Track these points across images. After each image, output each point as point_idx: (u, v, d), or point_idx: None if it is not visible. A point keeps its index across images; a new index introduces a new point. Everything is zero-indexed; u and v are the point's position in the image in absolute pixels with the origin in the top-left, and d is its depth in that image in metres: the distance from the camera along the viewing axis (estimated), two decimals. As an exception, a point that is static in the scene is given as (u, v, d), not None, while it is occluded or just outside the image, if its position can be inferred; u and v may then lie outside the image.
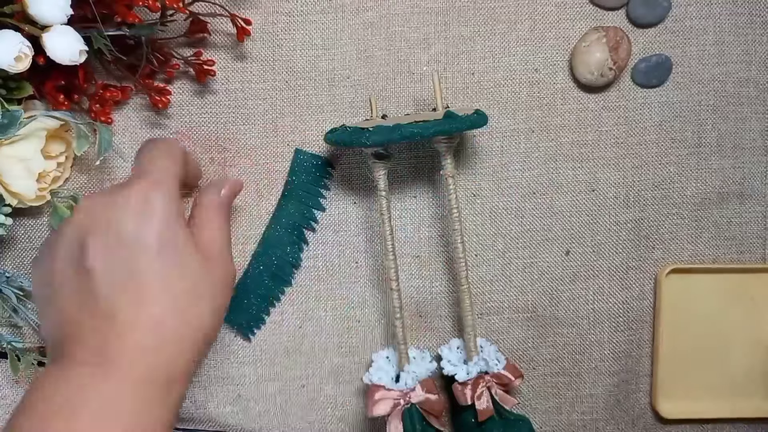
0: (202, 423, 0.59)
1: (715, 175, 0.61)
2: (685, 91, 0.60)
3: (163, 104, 0.55)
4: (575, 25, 0.58)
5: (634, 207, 0.60)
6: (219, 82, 0.57)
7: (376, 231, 0.59)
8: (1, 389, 0.58)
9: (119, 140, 0.57)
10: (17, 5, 0.47)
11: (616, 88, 0.59)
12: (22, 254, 0.57)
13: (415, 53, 0.58)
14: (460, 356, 0.57)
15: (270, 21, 0.57)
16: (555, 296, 0.60)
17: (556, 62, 0.59)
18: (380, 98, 0.58)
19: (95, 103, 0.54)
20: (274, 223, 0.58)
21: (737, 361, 0.61)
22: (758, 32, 0.60)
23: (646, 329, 0.61)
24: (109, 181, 0.57)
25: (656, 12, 0.58)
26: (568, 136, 0.59)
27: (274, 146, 0.58)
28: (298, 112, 0.58)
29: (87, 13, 0.49)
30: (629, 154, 0.60)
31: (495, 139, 0.59)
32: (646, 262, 0.61)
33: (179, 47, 0.56)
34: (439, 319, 0.60)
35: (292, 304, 0.59)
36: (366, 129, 0.51)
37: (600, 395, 0.61)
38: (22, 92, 0.51)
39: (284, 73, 0.57)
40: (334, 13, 0.57)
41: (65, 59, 0.48)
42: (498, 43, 0.58)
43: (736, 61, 0.60)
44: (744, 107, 0.60)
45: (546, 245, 0.60)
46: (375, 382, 0.54)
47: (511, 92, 0.59)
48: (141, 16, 0.50)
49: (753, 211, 0.61)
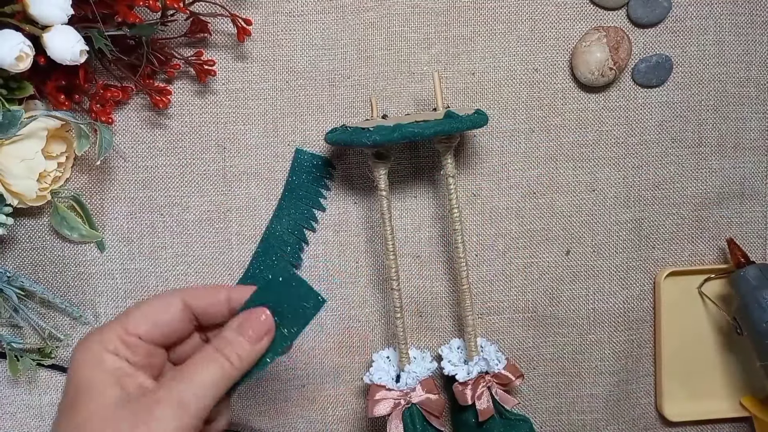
0: (203, 423, 0.59)
1: (715, 175, 0.61)
2: (685, 91, 0.60)
3: (164, 104, 0.55)
4: (575, 25, 0.58)
5: (634, 207, 0.60)
6: (219, 82, 0.57)
7: (377, 231, 0.59)
8: (1, 389, 0.58)
9: (120, 140, 0.57)
10: (18, 5, 0.47)
11: (617, 88, 0.59)
12: (22, 254, 0.57)
13: (415, 53, 0.58)
14: (460, 356, 0.57)
15: (270, 21, 0.57)
16: (555, 296, 0.60)
17: (556, 62, 0.59)
18: (380, 98, 0.58)
19: (96, 103, 0.54)
20: (274, 223, 0.58)
21: (737, 361, 0.61)
22: (758, 32, 0.60)
23: (646, 329, 0.61)
24: (109, 181, 0.57)
25: (656, 12, 0.58)
26: (568, 136, 0.59)
27: (274, 146, 0.58)
28: (298, 112, 0.58)
29: (87, 13, 0.49)
30: (629, 154, 0.60)
31: (495, 139, 0.59)
32: (646, 262, 0.61)
33: (180, 47, 0.56)
34: (440, 319, 0.60)
35: (292, 304, 0.59)
36: (366, 129, 0.51)
37: (600, 395, 0.61)
38: (23, 92, 0.51)
39: (284, 73, 0.57)
40: (334, 13, 0.57)
41: (66, 59, 0.48)
42: (498, 43, 0.58)
43: (736, 61, 0.60)
44: (744, 107, 0.60)
45: (546, 245, 0.60)
46: (375, 382, 0.54)
47: (511, 92, 0.59)
48: (141, 16, 0.50)
49: (753, 211, 0.61)
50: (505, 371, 0.55)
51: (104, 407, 0.38)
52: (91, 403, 0.39)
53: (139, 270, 0.58)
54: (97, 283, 0.58)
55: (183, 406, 0.39)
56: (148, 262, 0.58)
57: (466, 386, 0.54)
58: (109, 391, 0.39)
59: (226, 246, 0.58)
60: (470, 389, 0.54)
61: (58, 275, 0.57)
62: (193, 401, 0.39)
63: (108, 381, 0.39)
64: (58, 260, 0.57)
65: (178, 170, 0.57)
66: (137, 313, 0.42)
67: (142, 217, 0.57)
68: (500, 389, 0.55)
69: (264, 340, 0.42)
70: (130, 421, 0.38)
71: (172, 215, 0.58)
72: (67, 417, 0.39)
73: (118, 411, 0.38)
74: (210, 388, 0.40)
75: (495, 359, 0.55)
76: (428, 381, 0.55)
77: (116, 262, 0.57)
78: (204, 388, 0.40)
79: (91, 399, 0.39)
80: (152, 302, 0.42)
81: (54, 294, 0.57)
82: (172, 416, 0.38)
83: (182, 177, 0.58)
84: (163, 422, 0.38)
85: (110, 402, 0.39)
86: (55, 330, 0.57)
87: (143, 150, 0.57)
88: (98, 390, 0.39)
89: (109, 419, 0.38)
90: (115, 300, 0.58)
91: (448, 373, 0.55)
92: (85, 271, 0.57)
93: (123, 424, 0.38)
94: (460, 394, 0.54)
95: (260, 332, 0.42)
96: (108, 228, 0.57)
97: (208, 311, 0.43)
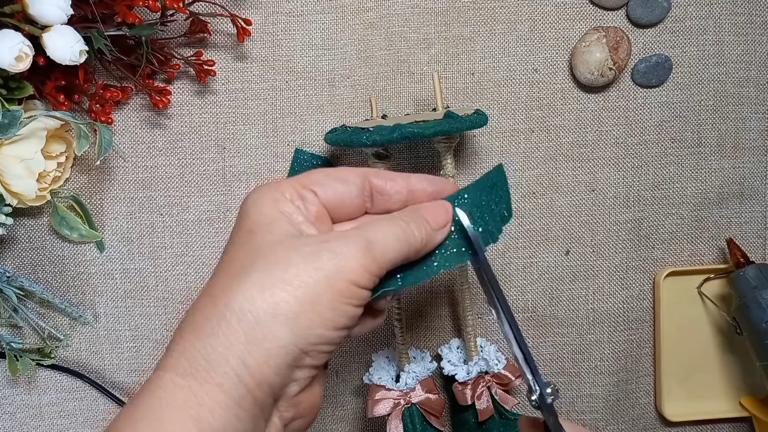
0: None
1: (715, 175, 0.61)
2: (685, 91, 0.60)
3: (163, 104, 0.55)
4: (575, 25, 0.58)
5: (634, 207, 0.60)
6: (219, 82, 0.57)
7: (376, 231, 0.59)
8: (1, 389, 0.58)
9: (119, 140, 0.57)
10: (18, 5, 0.47)
11: (616, 88, 0.59)
12: (22, 254, 0.57)
13: (415, 53, 0.58)
14: (460, 356, 0.57)
15: (270, 21, 0.57)
16: (555, 296, 0.60)
17: (556, 62, 0.59)
18: (380, 98, 0.58)
19: (95, 103, 0.54)
20: (274, 223, 0.58)
21: (737, 361, 0.61)
22: (758, 32, 0.60)
23: (645, 329, 0.61)
24: (108, 181, 0.57)
25: (656, 12, 0.58)
26: (568, 136, 0.59)
27: (274, 146, 0.58)
28: (298, 112, 0.58)
29: (87, 13, 0.49)
30: (629, 154, 0.60)
31: (495, 139, 0.59)
32: (645, 262, 0.61)
33: (179, 47, 0.56)
34: (439, 319, 0.60)
35: (292, 304, 0.59)
36: (366, 129, 0.51)
37: (600, 395, 0.61)
38: (23, 92, 0.51)
39: (284, 73, 0.57)
40: (334, 13, 0.57)
41: (65, 59, 0.48)
42: (498, 43, 0.58)
43: (736, 61, 0.60)
44: (744, 107, 0.60)
45: (546, 245, 0.60)
46: (375, 382, 0.54)
47: (511, 92, 0.59)
48: (141, 16, 0.50)
49: (753, 211, 0.61)
50: (505, 371, 0.55)
51: (285, 235, 0.37)
52: (268, 234, 0.37)
53: (139, 270, 0.58)
54: (97, 283, 0.58)
55: (370, 245, 0.36)
56: (147, 262, 0.58)
57: (465, 386, 0.54)
58: (286, 227, 0.37)
59: (226, 246, 0.58)
60: (470, 389, 0.54)
61: (58, 275, 0.57)
62: (380, 244, 0.37)
63: (283, 219, 0.37)
64: (58, 260, 0.57)
65: (177, 170, 0.57)
66: (318, 173, 0.40)
67: (141, 217, 0.57)
68: (500, 389, 0.55)
69: (442, 231, 0.40)
70: (313, 247, 0.36)
71: (171, 215, 0.58)
72: (243, 246, 0.37)
73: (300, 239, 0.37)
74: (395, 241, 0.37)
75: (495, 359, 0.55)
76: (428, 381, 0.55)
77: (116, 262, 0.57)
78: (390, 238, 0.37)
79: (269, 231, 0.37)
80: (335, 170, 0.40)
81: (53, 294, 0.57)
82: (357, 249, 0.36)
83: (182, 177, 0.58)
84: (348, 255, 0.36)
85: (291, 233, 0.37)
86: (55, 330, 0.57)
87: (143, 150, 0.57)
88: (276, 225, 0.37)
89: (290, 246, 0.36)
90: (114, 300, 0.58)
91: (448, 373, 0.55)
92: (84, 271, 0.57)
93: (305, 248, 0.36)
94: (460, 394, 0.54)
95: (439, 219, 0.40)
96: (108, 228, 0.57)
97: (387, 190, 0.40)
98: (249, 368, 0.34)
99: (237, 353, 0.34)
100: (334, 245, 0.36)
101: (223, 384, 0.34)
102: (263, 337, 0.34)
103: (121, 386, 0.58)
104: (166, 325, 0.58)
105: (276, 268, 0.35)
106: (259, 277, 0.35)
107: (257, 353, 0.34)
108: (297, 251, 0.36)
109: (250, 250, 0.36)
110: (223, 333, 0.34)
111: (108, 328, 0.58)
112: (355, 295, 0.36)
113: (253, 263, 0.36)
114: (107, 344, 0.58)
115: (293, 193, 0.38)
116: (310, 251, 0.35)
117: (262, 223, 0.37)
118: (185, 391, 0.34)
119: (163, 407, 0.34)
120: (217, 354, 0.34)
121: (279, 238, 0.36)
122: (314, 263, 0.35)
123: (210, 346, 0.34)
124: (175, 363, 0.35)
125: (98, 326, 0.58)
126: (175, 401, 0.34)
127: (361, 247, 0.36)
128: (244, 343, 0.34)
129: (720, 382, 0.62)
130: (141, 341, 0.58)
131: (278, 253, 0.36)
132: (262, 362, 0.34)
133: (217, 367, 0.34)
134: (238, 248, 0.37)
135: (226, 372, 0.34)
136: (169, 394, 0.34)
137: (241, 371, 0.34)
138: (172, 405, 0.34)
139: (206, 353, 0.34)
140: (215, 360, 0.34)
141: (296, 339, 0.34)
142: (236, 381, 0.34)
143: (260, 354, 0.34)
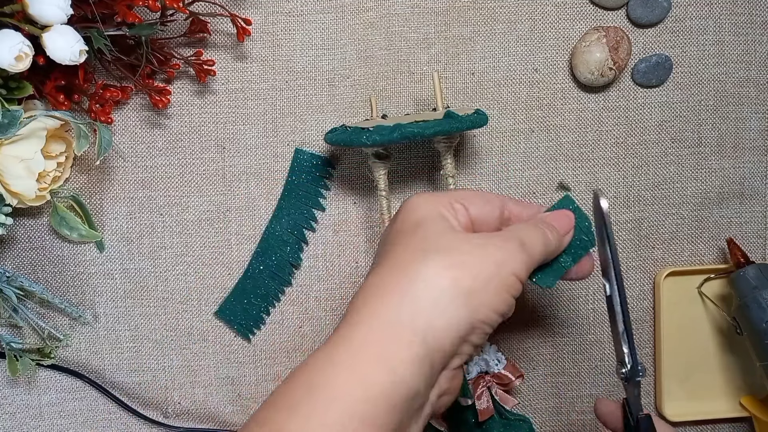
0: (203, 422, 0.59)
1: (715, 175, 0.61)
2: (685, 91, 0.60)
3: (163, 104, 0.55)
4: (575, 25, 0.58)
5: (634, 207, 0.60)
6: (219, 82, 0.57)
7: (376, 231, 0.59)
8: (1, 389, 0.58)
9: (119, 140, 0.57)
10: (17, 5, 0.47)
11: (616, 88, 0.59)
12: (22, 254, 0.57)
13: (415, 53, 0.58)
14: (460, 356, 0.57)
15: (270, 21, 0.57)
16: (555, 296, 0.60)
17: (556, 62, 0.59)
18: (380, 98, 0.58)
19: (95, 103, 0.54)
20: (274, 223, 0.58)
21: (737, 361, 0.61)
22: (758, 32, 0.60)
23: (646, 329, 0.61)
24: (108, 181, 0.57)
25: (656, 12, 0.58)
26: (568, 136, 0.59)
27: (274, 146, 0.58)
28: (298, 112, 0.58)
29: (87, 12, 0.49)
30: (629, 154, 0.60)
31: (495, 139, 0.59)
32: (646, 261, 0.61)
33: (179, 47, 0.56)
34: (439, 319, 0.60)
35: (292, 304, 0.59)
36: (366, 129, 0.51)
37: (600, 395, 0.61)
38: (23, 92, 0.51)
39: (284, 73, 0.57)
40: (334, 13, 0.57)
41: (65, 59, 0.48)
42: (498, 43, 0.58)
43: (736, 61, 0.60)
44: (744, 107, 0.60)
45: (546, 245, 0.60)
46: (375, 382, 0.54)
47: (511, 92, 0.59)
48: (141, 15, 0.50)
49: (753, 211, 0.61)
50: (505, 371, 0.55)
51: (448, 229, 0.42)
52: (435, 226, 0.42)
53: (139, 270, 0.58)
54: (97, 283, 0.57)
55: (524, 245, 0.42)
56: (147, 262, 0.58)
57: (465, 386, 0.54)
58: (447, 224, 0.43)
59: (226, 246, 0.58)
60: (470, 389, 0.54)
61: (58, 275, 0.57)
62: (530, 245, 0.42)
63: (443, 218, 0.43)
64: (58, 260, 0.57)
65: (177, 170, 0.57)
66: (467, 192, 0.47)
67: (141, 217, 0.57)
68: (500, 389, 0.55)
69: (568, 235, 0.46)
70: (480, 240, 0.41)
71: (171, 215, 0.58)
72: (414, 233, 0.42)
73: (466, 233, 0.43)
74: (540, 244, 0.43)
75: (495, 359, 0.55)
76: (428, 381, 0.54)
77: (116, 262, 0.57)
78: (538, 241, 0.43)
79: (435, 224, 0.42)
80: (482, 191, 0.48)
81: (53, 294, 0.57)
82: (516, 246, 0.42)
83: (182, 177, 0.58)
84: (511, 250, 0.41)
85: (452, 228, 0.42)
86: (55, 330, 0.57)
87: (143, 150, 0.57)
88: (439, 221, 0.43)
89: (461, 237, 0.42)
90: (114, 300, 0.58)
91: (448, 373, 0.55)
92: (84, 271, 0.57)
93: (475, 240, 0.41)
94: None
95: (564, 225, 0.46)
96: (107, 228, 0.57)
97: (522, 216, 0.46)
98: (434, 331, 0.38)
99: (425, 318, 0.38)
100: (497, 241, 0.42)
101: (413, 342, 0.38)
102: (445, 308, 0.39)
103: (121, 386, 0.58)
104: (165, 325, 0.58)
105: (454, 253, 0.40)
106: (440, 257, 0.40)
107: (440, 321, 0.39)
108: (468, 242, 0.41)
109: (424, 236, 0.42)
110: (412, 299, 0.39)
111: (108, 328, 0.58)
112: (514, 286, 0.41)
113: (431, 246, 0.41)
114: (107, 344, 0.58)
115: (447, 202, 0.44)
116: (479, 243, 0.41)
117: (427, 218, 0.43)
118: (377, 345, 0.38)
119: (359, 353, 0.38)
120: (407, 315, 0.38)
121: (446, 231, 0.42)
122: (484, 253, 0.40)
123: (404, 306, 0.39)
124: (367, 320, 0.39)
125: (98, 326, 0.58)
126: (369, 352, 0.38)
127: (518, 245, 0.42)
128: (429, 309, 0.39)
129: (720, 382, 0.62)
130: (141, 341, 0.58)
131: (451, 241, 0.41)
132: (444, 329, 0.39)
133: (407, 326, 0.38)
134: (410, 236, 0.42)
135: (415, 331, 0.38)
136: (362, 344, 0.38)
137: (428, 334, 0.38)
138: (368, 353, 0.38)
139: (398, 314, 0.39)
140: (406, 320, 0.38)
141: (470, 314, 0.39)
142: (422, 341, 0.38)
143: (443, 322, 0.39)
